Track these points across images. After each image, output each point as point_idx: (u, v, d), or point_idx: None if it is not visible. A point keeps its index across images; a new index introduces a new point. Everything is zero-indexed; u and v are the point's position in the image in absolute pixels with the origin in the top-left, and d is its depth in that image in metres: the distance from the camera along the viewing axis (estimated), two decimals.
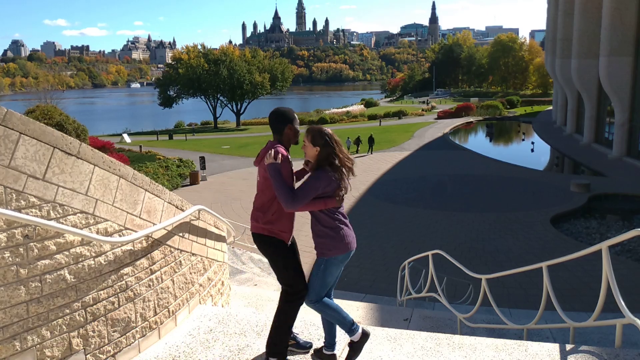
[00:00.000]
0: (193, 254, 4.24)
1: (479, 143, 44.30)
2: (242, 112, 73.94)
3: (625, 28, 27.64)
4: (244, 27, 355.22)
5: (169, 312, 3.77)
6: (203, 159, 27.84)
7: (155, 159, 28.78)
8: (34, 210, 2.60)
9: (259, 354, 3.50)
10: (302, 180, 3.30)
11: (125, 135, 50.46)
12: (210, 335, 3.78)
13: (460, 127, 53.28)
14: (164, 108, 75.77)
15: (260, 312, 5.32)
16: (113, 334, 3.16)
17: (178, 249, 3.95)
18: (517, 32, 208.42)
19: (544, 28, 55.82)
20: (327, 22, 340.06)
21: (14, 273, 2.52)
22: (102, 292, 3.05)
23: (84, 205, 2.91)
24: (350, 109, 75.49)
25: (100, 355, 3.06)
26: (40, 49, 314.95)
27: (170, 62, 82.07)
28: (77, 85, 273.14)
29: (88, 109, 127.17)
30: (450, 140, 42.25)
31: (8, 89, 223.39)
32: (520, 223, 16.77)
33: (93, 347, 3.00)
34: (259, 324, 3.97)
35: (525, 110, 66.95)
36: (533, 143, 39.98)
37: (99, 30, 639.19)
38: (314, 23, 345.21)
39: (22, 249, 2.55)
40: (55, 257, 2.73)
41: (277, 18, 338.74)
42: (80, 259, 2.89)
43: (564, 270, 11.63)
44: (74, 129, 20.50)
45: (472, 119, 57.99)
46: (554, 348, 3.46)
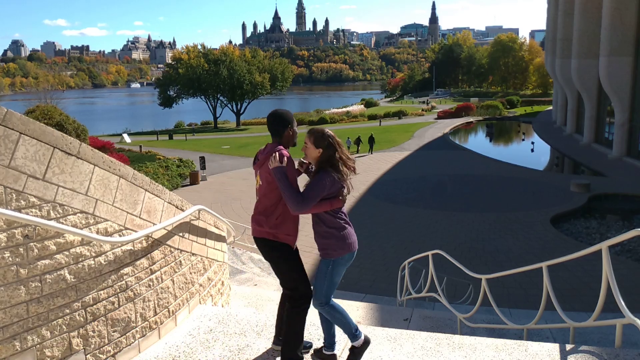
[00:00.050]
0: (193, 254, 4.24)
1: (479, 143, 44.30)
2: (242, 112, 73.95)
3: (625, 28, 27.64)
4: (244, 27, 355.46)
5: (169, 312, 3.77)
6: (203, 159, 27.83)
7: (155, 159, 28.76)
8: (34, 210, 2.60)
9: (259, 354, 3.50)
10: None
11: (125, 135, 50.46)
12: (210, 335, 3.78)
13: (460, 127, 53.28)
14: (164, 108, 75.80)
15: (260, 312, 5.32)
16: (113, 334, 3.16)
17: (178, 249, 3.95)
18: (517, 32, 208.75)
19: (544, 28, 55.82)
20: (327, 22, 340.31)
21: (14, 273, 2.52)
22: (102, 292, 3.05)
23: (84, 205, 2.92)
24: (350, 109, 75.47)
25: (100, 355, 3.06)
26: (40, 49, 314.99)
27: (170, 62, 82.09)
28: (77, 85, 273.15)
29: (88, 109, 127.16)
30: (450, 140, 42.24)
31: (8, 89, 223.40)
32: (520, 223, 16.77)
33: (93, 347, 3.00)
34: (259, 324, 3.97)
35: (525, 110, 66.95)
36: (533, 143, 39.99)
37: (99, 30, 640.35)
38: (314, 23, 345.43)
39: (22, 249, 2.55)
40: (55, 257, 2.73)
41: (277, 18, 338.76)
42: (80, 259, 2.89)
43: (564, 270, 11.63)
44: (74, 129, 20.49)
45: (472, 119, 57.99)
46: (554, 348, 3.46)
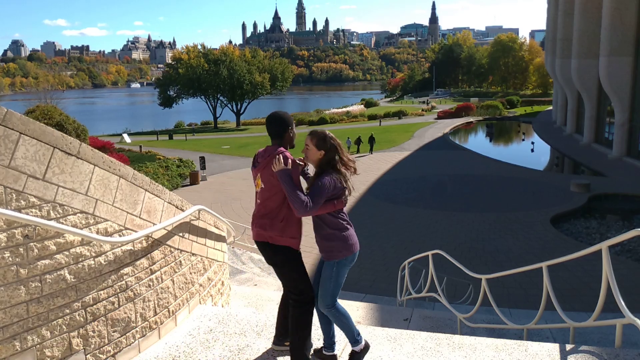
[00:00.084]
0: (193, 254, 4.24)
1: (479, 143, 44.29)
2: (242, 112, 73.96)
3: (625, 28, 27.64)
4: (244, 27, 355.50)
5: (169, 312, 3.77)
6: (203, 159, 27.83)
7: (155, 159, 28.76)
8: (34, 210, 2.60)
9: (259, 354, 3.50)
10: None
11: (125, 135, 50.45)
12: (210, 335, 3.78)
13: (460, 127, 53.27)
14: (164, 108, 75.80)
15: (260, 312, 5.32)
16: (113, 334, 3.15)
17: (178, 249, 3.95)
18: (517, 32, 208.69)
19: (544, 28, 55.82)
20: (327, 22, 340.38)
21: (14, 273, 2.52)
22: (102, 292, 3.05)
23: (84, 205, 2.91)
24: (350, 109, 75.50)
25: (100, 355, 3.06)
26: (40, 49, 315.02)
27: (170, 62, 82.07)
28: (77, 85, 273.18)
29: (88, 109, 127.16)
30: (450, 140, 42.24)
31: (8, 89, 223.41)
32: (520, 223, 16.77)
33: (93, 347, 3.00)
34: (259, 324, 3.97)
35: (525, 110, 66.94)
36: (533, 143, 39.98)
37: (99, 30, 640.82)
38: (314, 23, 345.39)
39: (22, 249, 2.55)
40: (55, 257, 2.73)
41: (277, 18, 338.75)
42: (80, 259, 2.89)
43: (564, 270, 11.63)
44: (74, 129, 20.49)
45: (472, 119, 57.98)
46: (554, 348, 3.46)
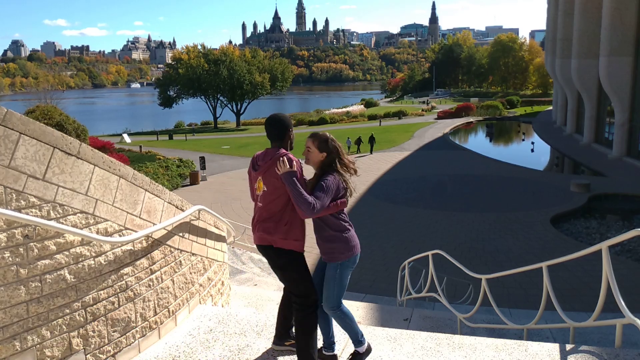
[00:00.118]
0: (193, 254, 4.24)
1: (479, 143, 44.30)
2: (242, 112, 73.98)
3: (625, 28, 27.64)
4: (244, 27, 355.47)
5: (169, 312, 3.77)
6: (203, 159, 27.84)
7: (155, 159, 28.77)
8: (34, 210, 2.60)
9: (259, 354, 3.50)
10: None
11: (125, 136, 50.45)
12: (210, 335, 3.78)
13: (460, 127, 53.28)
14: (164, 108, 75.82)
15: (260, 312, 5.32)
16: (113, 334, 3.15)
17: (178, 249, 3.95)
18: (517, 32, 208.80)
19: (544, 28, 55.82)
20: (327, 22, 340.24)
21: (14, 273, 2.52)
22: (102, 292, 3.05)
23: (84, 205, 2.91)
24: (350, 109, 75.50)
25: (100, 355, 3.06)
26: (40, 49, 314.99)
27: (170, 62, 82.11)
28: (77, 86, 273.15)
29: (88, 109, 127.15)
30: (450, 140, 42.25)
31: (8, 89, 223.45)
32: (520, 223, 16.77)
33: (93, 347, 3.00)
34: (259, 324, 3.97)
35: (525, 110, 66.94)
36: (533, 143, 39.98)
37: (99, 30, 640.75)
38: (314, 23, 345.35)
39: (22, 249, 2.55)
40: (55, 257, 2.73)
41: (277, 18, 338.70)
42: (80, 259, 2.89)
43: (564, 270, 11.63)
44: (74, 129, 20.50)
45: (472, 119, 57.99)
46: (554, 348, 3.46)
